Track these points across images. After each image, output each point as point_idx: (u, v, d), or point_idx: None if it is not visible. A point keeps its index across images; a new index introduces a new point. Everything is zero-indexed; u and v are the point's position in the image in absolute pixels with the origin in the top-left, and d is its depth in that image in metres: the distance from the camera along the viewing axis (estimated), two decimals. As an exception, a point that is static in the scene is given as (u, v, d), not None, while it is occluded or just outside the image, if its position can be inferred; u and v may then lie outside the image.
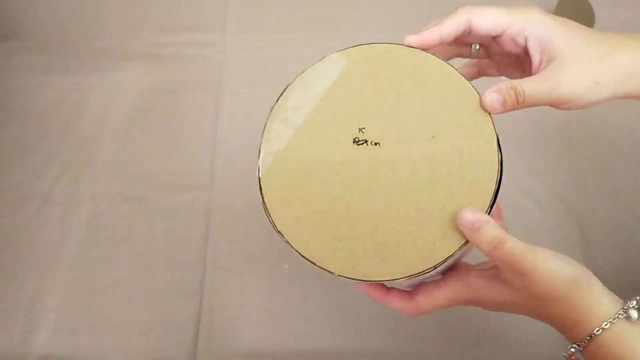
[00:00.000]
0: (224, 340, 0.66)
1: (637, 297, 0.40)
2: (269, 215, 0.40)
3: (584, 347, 0.40)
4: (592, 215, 0.73)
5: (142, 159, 0.80)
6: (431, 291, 0.43)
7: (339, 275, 0.39)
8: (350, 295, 0.68)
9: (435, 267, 0.38)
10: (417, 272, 0.38)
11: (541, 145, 0.80)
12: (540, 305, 0.40)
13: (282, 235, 0.40)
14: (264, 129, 0.43)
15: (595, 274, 0.40)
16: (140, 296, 0.69)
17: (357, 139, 0.40)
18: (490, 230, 0.37)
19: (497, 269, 0.41)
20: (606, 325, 0.39)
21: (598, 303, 0.40)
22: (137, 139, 0.82)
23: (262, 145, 0.42)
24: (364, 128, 0.40)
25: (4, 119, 0.85)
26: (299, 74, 0.44)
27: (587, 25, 0.84)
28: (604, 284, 0.41)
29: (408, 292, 0.44)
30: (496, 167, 0.39)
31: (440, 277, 0.44)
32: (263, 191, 0.41)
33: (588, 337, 0.40)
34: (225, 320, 0.67)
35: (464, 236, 0.38)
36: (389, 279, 0.38)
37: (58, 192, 0.77)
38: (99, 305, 0.68)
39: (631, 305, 0.40)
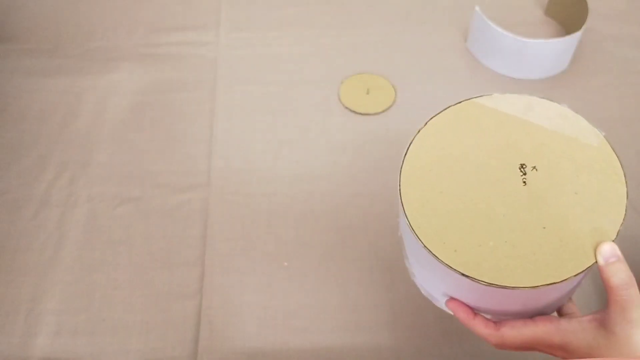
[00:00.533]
0: (225, 339, 0.66)
1: None
2: (412, 229, 0.41)
3: None
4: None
5: (139, 160, 0.80)
6: (516, 325, 0.44)
7: (488, 283, 0.39)
8: (350, 292, 0.69)
9: (551, 284, 0.39)
10: (532, 285, 0.39)
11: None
12: (629, 357, 0.41)
13: (427, 248, 0.41)
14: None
15: (593, 269, 0.40)
16: (139, 297, 0.69)
17: (522, 166, 0.43)
18: (624, 268, 0.39)
19: (600, 314, 0.42)
20: None
21: None
22: (133, 139, 0.82)
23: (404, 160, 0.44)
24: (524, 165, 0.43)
25: (-2, 122, 0.85)
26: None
27: (581, 18, 0.85)
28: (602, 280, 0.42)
29: (494, 321, 0.45)
30: (624, 202, 0.42)
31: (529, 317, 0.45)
32: (404, 204, 0.42)
33: None
34: (226, 319, 0.67)
35: (583, 265, 0.39)
36: (504, 284, 0.39)
37: (55, 194, 0.77)
38: (99, 307, 0.68)
39: None
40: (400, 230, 0.48)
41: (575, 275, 0.39)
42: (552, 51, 0.83)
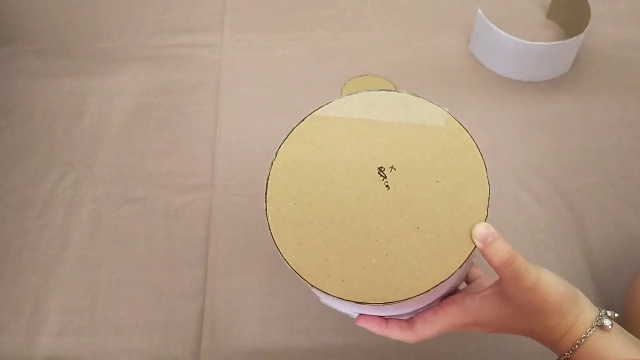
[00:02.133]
0: (227, 339, 0.66)
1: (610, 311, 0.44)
2: (294, 270, 0.41)
3: (568, 358, 0.43)
4: (590, 208, 0.74)
5: (143, 160, 0.81)
6: (428, 318, 0.45)
7: (385, 303, 0.39)
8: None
9: (442, 282, 0.39)
10: (425, 290, 0.38)
11: (539, 139, 0.81)
12: (536, 319, 0.43)
13: (288, 263, 0.40)
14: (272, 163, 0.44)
15: (591, 267, 0.41)
16: (143, 297, 0.69)
17: (380, 169, 0.42)
18: (502, 245, 0.39)
19: (497, 287, 0.43)
20: (584, 337, 0.42)
21: (584, 314, 0.43)
22: (137, 140, 0.83)
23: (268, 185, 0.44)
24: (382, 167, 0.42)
25: (4, 122, 0.85)
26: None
27: (583, 21, 0.85)
28: (601, 278, 0.42)
29: (406, 321, 0.46)
30: (485, 177, 0.41)
31: (437, 303, 0.46)
32: (278, 244, 0.42)
33: (572, 348, 0.43)
34: (228, 319, 0.67)
35: (465, 253, 0.39)
36: (400, 299, 0.38)
37: (60, 194, 0.78)
38: (102, 307, 0.69)
39: (604, 314, 0.43)
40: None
41: (461, 266, 0.39)
42: (554, 54, 0.83)
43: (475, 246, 0.39)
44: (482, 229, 0.39)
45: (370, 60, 0.91)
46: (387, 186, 0.41)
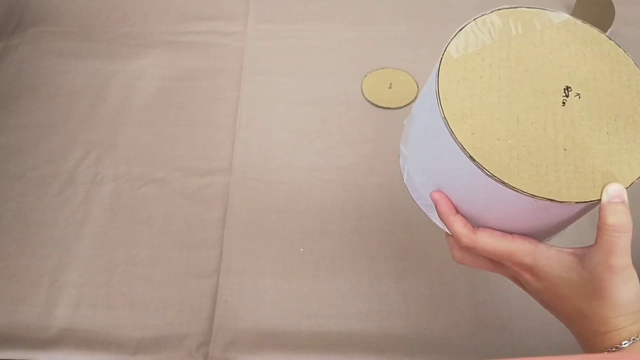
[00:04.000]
0: (239, 319, 0.67)
1: None
2: (438, 96, 0.41)
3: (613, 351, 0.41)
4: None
5: (163, 143, 0.82)
6: (494, 233, 0.43)
7: (492, 175, 0.38)
8: (363, 280, 0.70)
9: (551, 201, 0.38)
10: (533, 195, 0.38)
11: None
12: (594, 303, 0.41)
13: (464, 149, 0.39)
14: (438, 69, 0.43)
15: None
16: (158, 274, 0.71)
17: (567, 88, 0.42)
18: (625, 211, 0.38)
19: (580, 250, 0.41)
20: (634, 339, 0.40)
21: (636, 322, 0.41)
22: (158, 123, 0.84)
23: (457, 34, 0.44)
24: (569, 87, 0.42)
25: (31, 100, 0.87)
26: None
27: (607, 22, 0.85)
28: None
29: (472, 225, 0.44)
30: None
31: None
32: (440, 72, 0.42)
33: (615, 347, 0.40)
34: (241, 300, 0.68)
35: (588, 197, 0.39)
36: (527, 191, 0.38)
37: (81, 172, 0.79)
38: (118, 282, 0.70)
39: None
40: (416, 106, 0.47)
41: (575, 203, 0.38)
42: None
43: (599, 199, 0.39)
44: (617, 187, 0.38)
45: (391, 53, 0.92)
46: (563, 103, 0.41)
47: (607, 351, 0.41)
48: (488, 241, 0.43)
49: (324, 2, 1.00)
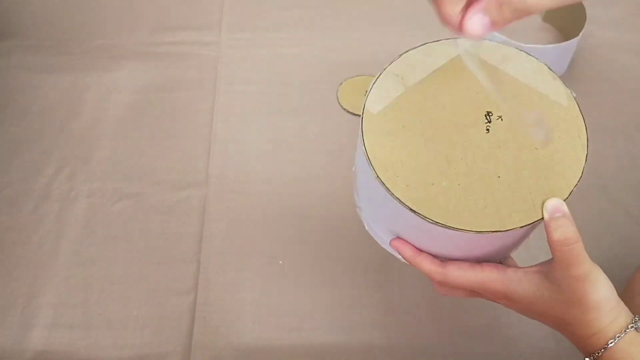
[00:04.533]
0: (219, 336, 0.66)
1: None
2: (367, 157, 0.41)
3: (597, 357, 0.42)
4: (583, 211, 0.74)
5: (138, 157, 0.81)
6: (463, 266, 0.44)
7: (435, 222, 0.39)
8: (344, 291, 0.69)
9: (494, 232, 0.39)
10: (477, 230, 0.39)
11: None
12: (572, 309, 0.42)
13: (380, 180, 0.40)
14: (373, 82, 0.44)
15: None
16: (135, 292, 0.70)
17: (488, 114, 0.43)
18: (568, 223, 0.39)
19: (544, 267, 0.42)
20: (619, 336, 0.41)
21: (621, 317, 0.42)
22: (133, 136, 0.83)
23: (370, 91, 0.43)
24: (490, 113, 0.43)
25: (2, 116, 0.85)
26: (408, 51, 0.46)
27: (579, 24, 0.85)
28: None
29: (440, 259, 0.45)
30: (582, 165, 0.42)
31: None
32: (364, 131, 0.42)
33: (605, 346, 0.41)
34: (220, 316, 0.68)
35: (529, 219, 0.39)
36: (450, 225, 0.39)
37: (55, 189, 0.78)
38: (95, 301, 0.69)
39: (639, 319, 0.42)
40: (356, 162, 0.47)
41: (520, 227, 0.39)
42: (549, 57, 0.84)
43: (542, 218, 0.39)
44: (555, 202, 0.39)
45: (367, 60, 0.92)
46: (487, 130, 0.42)
47: (595, 355, 0.42)
48: (458, 274, 0.43)
49: (299, 10, 0.99)
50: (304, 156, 0.81)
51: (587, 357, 0.43)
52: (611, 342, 0.41)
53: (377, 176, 0.40)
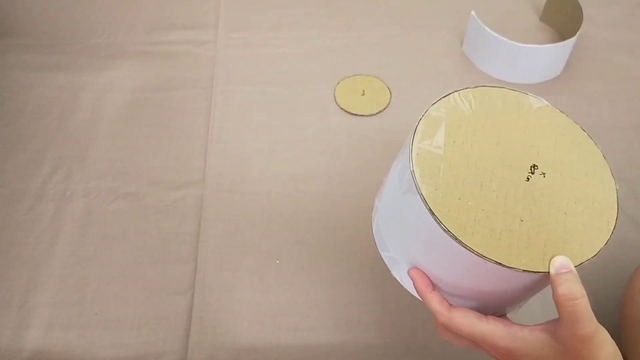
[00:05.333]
0: (215, 335, 0.66)
1: None
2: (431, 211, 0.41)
3: None
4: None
5: (135, 156, 0.81)
6: (469, 314, 0.44)
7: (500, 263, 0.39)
8: (340, 290, 0.69)
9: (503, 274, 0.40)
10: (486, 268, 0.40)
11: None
12: None
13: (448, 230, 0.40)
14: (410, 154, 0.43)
15: (583, 274, 0.41)
16: (132, 292, 0.69)
17: (533, 166, 0.44)
18: (574, 279, 0.39)
19: (550, 325, 0.42)
20: None
21: None
22: (129, 136, 0.83)
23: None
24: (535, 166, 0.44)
25: (-4, 116, 0.85)
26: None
27: (576, 24, 0.85)
28: (592, 285, 0.42)
29: (448, 302, 0.45)
30: (601, 245, 0.42)
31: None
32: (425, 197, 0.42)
33: None
34: (217, 315, 0.67)
35: (536, 268, 0.40)
36: (478, 251, 0.39)
37: (51, 188, 0.77)
38: (92, 301, 0.69)
39: None
40: (391, 173, 0.48)
41: (522, 270, 0.39)
42: (547, 57, 0.84)
43: (547, 272, 0.39)
44: (562, 259, 0.39)
45: (364, 60, 0.92)
46: (527, 179, 0.43)
47: None
48: (463, 321, 0.43)
49: (296, 9, 0.99)
50: (300, 155, 0.81)
51: None
52: None
53: (412, 170, 0.41)
